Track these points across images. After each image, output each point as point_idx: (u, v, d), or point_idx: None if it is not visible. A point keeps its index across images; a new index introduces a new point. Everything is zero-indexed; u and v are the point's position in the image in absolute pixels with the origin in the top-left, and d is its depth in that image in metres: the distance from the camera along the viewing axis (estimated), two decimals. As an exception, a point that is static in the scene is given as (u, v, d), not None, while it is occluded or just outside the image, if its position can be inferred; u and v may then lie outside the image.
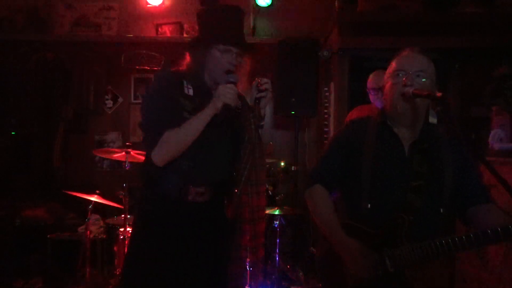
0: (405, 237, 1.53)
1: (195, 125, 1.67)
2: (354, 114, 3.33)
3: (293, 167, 4.30)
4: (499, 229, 1.37)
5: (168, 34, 4.73)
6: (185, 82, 1.77)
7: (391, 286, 1.54)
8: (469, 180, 1.62)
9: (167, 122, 1.66)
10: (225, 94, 1.67)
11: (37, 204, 4.08)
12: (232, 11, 1.84)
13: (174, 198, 1.76)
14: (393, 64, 1.67)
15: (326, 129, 3.95)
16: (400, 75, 1.60)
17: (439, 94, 1.47)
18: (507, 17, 3.46)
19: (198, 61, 1.81)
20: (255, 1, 4.72)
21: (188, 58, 1.87)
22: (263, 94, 1.82)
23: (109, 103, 4.81)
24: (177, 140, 1.67)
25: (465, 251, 1.51)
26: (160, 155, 1.68)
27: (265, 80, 1.82)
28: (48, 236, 3.63)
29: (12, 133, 4.52)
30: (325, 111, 3.95)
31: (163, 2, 4.73)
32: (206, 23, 1.84)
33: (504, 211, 1.55)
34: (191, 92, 1.77)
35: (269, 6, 4.73)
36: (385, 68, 1.72)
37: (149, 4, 4.71)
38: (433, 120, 1.83)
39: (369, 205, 1.61)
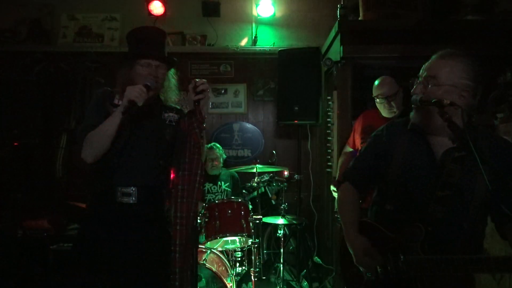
0: (420, 248, 1.50)
1: (108, 124, 1.86)
2: (361, 118, 3.33)
3: (296, 176, 4.29)
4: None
5: (170, 44, 4.76)
6: (116, 96, 2.01)
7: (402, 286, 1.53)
8: (508, 193, 1.50)
9: (92, 126, 1.91)
10: (131, 92, 1.83)
11: (39, 215, 4.05)
12: (152, 31, 2.11)
13: (104, 199, 1.97)
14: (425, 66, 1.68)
15: (329, 138, 3.94)
16: (415, 82, 1.61)
17: (447, 101, 1.47)
18: (507, 25, 3.47)
19: (125, 77, 2.01)
20: (257, 12, 4.75)
21: (118, 75, 2.07)
22: (200, 96, 1.93)
23: (112, 113, 4.80)
24: (95, 139, 1.88)
25: (480, 273, 1.46)
26: (85, 153, 1.91)
27: (201, 81, 1.93)
28: (50, 247, 3.61)
29: (15, 144, 4.51)
30: (328, 119, 3.95)
31: (164, 12, 4.76)
32: (130, 43, 2.07)
33: None
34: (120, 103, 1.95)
35: (271, 16, 4.77)
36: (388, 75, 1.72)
37: (151, 14, 4.74)
38: None
39: (389, 207, 1.65)
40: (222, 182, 4.10)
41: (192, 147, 1.99)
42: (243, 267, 3.48)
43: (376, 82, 3.14)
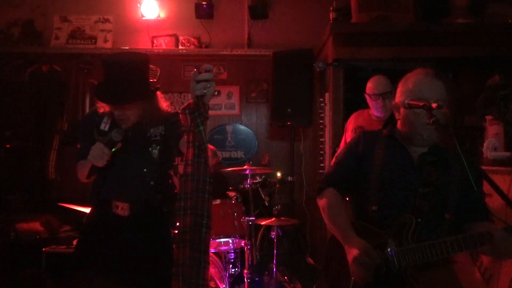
0: (410, 238, 1.61)
1: (84, 166, 1.95)
2: (353, 118, 3.35)
3: (289, 177, 4.31)
4: (492, 231, 1.50)
5: (164, 46, 4.76)
6: (105, 118, 2.02)
7: (393, 285, 1.61)
8: (471, 197, 1.68)
9: (81, 153, 2.02)
10: (91, 156, 1.85)
11: (32, 217, 4.04)
12: (121, 65, 1.91)
13: (100, 209, 2.03)
14: (411, 86, 1.71)
15: (322, 139, 3.96)
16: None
17: (434, 105, 1.51)
18: (497, 27, 3.51)
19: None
20: (250, 14, 4.77)
21: None
22: (203, 90, 1.44)
23: (105, 115, 4.80)
24: (80, 169, 2.02)
25: (461, 252, 1.57)
26: (78, 176, 2.05)
27: (207, 67, 1.44)
28: (43, 249, 3.59)
29: (7, 145, 4.49)
30: (321, 121, 3.98)
31: (158, 15, 4.77)
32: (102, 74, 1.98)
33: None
34: (107, 127, 2.01)
35: (264, 18, 4.78)
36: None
37: (145, 17, 4.75)
38: None
39: (373, 208, 1.72)
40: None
41: (196, 148, 1.58)
42: (236, 269, 3.50)
43: (371, 80, 3.15)
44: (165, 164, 2.05)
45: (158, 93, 2.05)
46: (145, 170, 1.99)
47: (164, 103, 2.07)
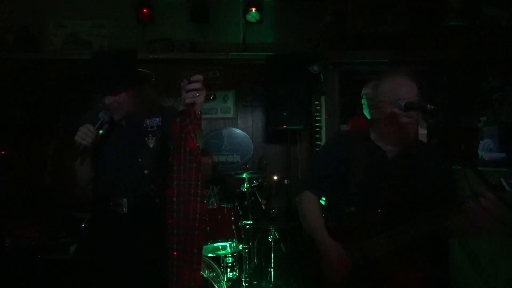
0: (380, 232, 1.70)
1: (76, 162, 1.99)
2: (349, 126, 3.36)
3: (286, 180, 4.31)
4: (451, 204, 1.59)
5: (159, 51, 4.76)
6: (101, 114, 1.98)
7: (366, 279, 1.70)
8: (443, 191, 1.77)
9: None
10: (78, 134, 1.88)
11: (28, 223, 4.01)
12: (107, 57, 2.00)
13: (99, 208, 2.03)
14: (390, 87, 1.75)
15: (318, 142, 3.98)
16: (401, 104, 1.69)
17: (430, 106, 1.52)
18: (491, 30, 3.55)
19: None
20: (246, 18, 4.78)
21: None
22: (192, 99, 1.60)
23: (100, 120, 4.79)
24: (77, 169, 2.04)
25: (428, 231, 1.65)
26: (77, 177, 2.08)
27: (195, 77, 1.60)
28: (39, 255, 3.57)
29: (2, 152, 4.47)
30: (317, 124, 3.99)
31: (153, 19, 4.77)
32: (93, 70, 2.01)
33: None
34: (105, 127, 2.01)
35: (259, 21, 4.79)
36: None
37: (140, 22, 4.74)
38: (423, 130, 1.90)
39: (350, 208, 1.79)
40: (214, 186, 4.10)
41: (187, 153, 1.67)
42: (234, 273, 3.49)
43: (368, 84, 3.15)
44: (161, 154, 2.00)
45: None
46: (139, 160, 1.99)
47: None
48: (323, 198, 2.04)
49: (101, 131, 1.92)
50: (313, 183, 1.96)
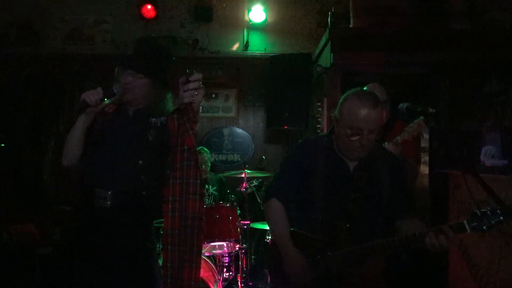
0: (344, 242, 1.78)
1: (75, 126, 1.92)
2: (393, 128, 3.31)
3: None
4: (416, 233, 1.64)
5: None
6: (115, 86, 1.97)
7: (331, 285, 1.78)
8: (399, 197, 1.87)
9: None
10: (86, 92, 1.86)
11: (26, 219, 4.01)
12: (143, 43, 2.17)
13: (83, 201, 1.93)
14: (346, 115, 1.79)
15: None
16: (357, 133, 1.76)
17: (432, 110, 1.51)
18: (494, 33, 3.52)
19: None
20: (249, 17, 4.77)
21: None
22: (191, 98, 1.57)
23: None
24: (66, 141, 1.96)
25: (392, 252, 1.71)
26: (62, 156, 1.99)
27: (195, 76, 1.55)
28: (37, 251, 3.56)
29: (2, 145, 4.46)
30: (318, 125, 3.97)
31: (156, 16, 4.76)
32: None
33: (424, 225, 1.80)
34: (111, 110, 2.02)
35: (262, 22, 4.78)
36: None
37: (143, 17, 4.73)
38: (425, 135, 1.90)
39: (315, 216, 1.84)
40: (210, 186, 4.08)
41: (185, 151, 1.65)
42: (231, 273, 3.47)
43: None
44: (159, 148, 1.92)
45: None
46: (135, 150, 1.93)
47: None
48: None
49: (106, 100, 1.90)
50: (279, 191, 1.99)
